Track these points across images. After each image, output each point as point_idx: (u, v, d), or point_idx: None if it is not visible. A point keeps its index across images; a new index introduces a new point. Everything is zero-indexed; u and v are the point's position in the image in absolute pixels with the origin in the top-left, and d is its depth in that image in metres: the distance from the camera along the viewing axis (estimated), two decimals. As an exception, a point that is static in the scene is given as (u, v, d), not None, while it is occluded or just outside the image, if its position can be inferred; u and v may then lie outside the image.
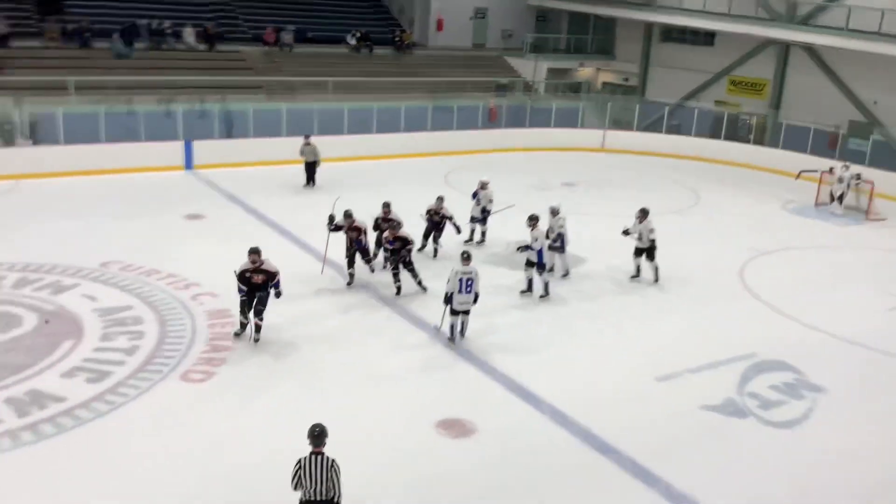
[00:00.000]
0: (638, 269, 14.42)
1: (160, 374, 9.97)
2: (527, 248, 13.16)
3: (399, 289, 12.85)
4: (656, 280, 14.27)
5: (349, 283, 13.15)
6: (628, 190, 21.33)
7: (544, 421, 9.49)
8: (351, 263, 13.14)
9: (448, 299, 11.16)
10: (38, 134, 20.86)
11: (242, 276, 10.58)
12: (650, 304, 13.59)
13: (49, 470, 7.99)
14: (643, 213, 14.11)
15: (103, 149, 20.35)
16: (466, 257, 11.22)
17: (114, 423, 8.90)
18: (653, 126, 28.86)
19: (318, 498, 6.48)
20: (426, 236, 14.95)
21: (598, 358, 11.36)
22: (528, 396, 10.02)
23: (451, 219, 14.76)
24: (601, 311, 13.14)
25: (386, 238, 12.86)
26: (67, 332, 10.92)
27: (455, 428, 9.16)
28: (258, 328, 10.79)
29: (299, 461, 6.55)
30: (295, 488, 6.55)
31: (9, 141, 20.32)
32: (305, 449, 6.61)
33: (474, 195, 15.97)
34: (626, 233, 14.36)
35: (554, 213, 14.05)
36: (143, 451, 8.41)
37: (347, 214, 12.97)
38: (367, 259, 13.42)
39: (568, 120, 28.45)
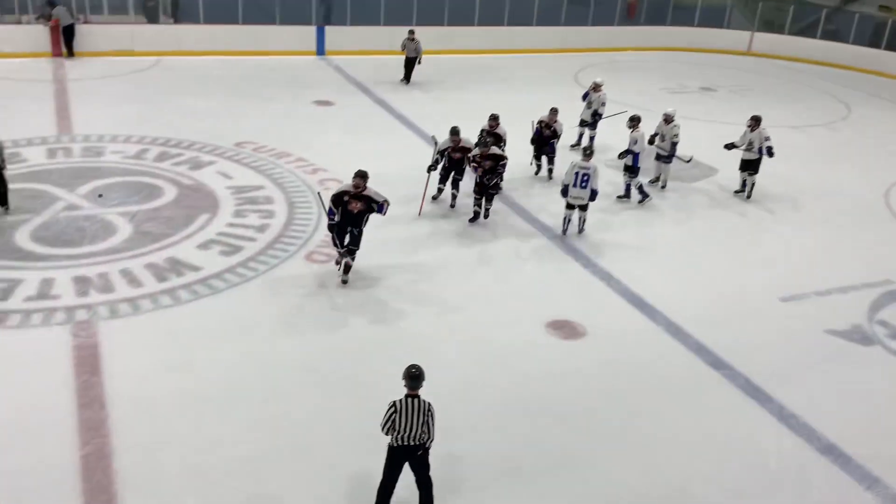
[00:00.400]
0: (743, 184, 13.59)
1: (287, 252, 10.45)
2: (628, 152, 12.63)
3: (476, 214, 11.73)
4: (748, 197, 13.44)
5: (434, 198, 12.33)
6: (772, 98, 19.95)
7: (657, 331, 9.38)
8: (444, 179, 12.23)
9: (564, 192, 11.22)
10: (179, 12, 21.58)
11: (338, 199, 9.32)
12: (781, 221, 12.94)
13: (183, 331, 8.62)
14: (756, 121, 13.15)
15: (240, 30, 20.86)
16: (588, 154, 11.28)
17: (244, 294, 9.44)
18: (806, 30, 26.62)
19: (411, 443, 6.00)
20: (537, 156, 13.64)
21: (718, 272, 11.01)
22: (642, 304, 9.90)
23: (558, 137, 13.35)
24: (723, 225, 12.63)
25: (474, 157, 11.52)
26: (204, 207, 11.54)
27: (565, 329, 9.21)
28: (347, 268, 9.72)
29: (393, 404, 5.94)
30: (386, 433, 6.01)
31: (152, 18, 21.12)
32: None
33: (585, 96, 15.18)
34: (730, 146, 13.43)
35: (668, 119, 13.20)
36: (267, 322, 8.90)
37: (454, 132, 11.65)
38: (459, 178, 12.05)
39: (713, 19, 26.69)
